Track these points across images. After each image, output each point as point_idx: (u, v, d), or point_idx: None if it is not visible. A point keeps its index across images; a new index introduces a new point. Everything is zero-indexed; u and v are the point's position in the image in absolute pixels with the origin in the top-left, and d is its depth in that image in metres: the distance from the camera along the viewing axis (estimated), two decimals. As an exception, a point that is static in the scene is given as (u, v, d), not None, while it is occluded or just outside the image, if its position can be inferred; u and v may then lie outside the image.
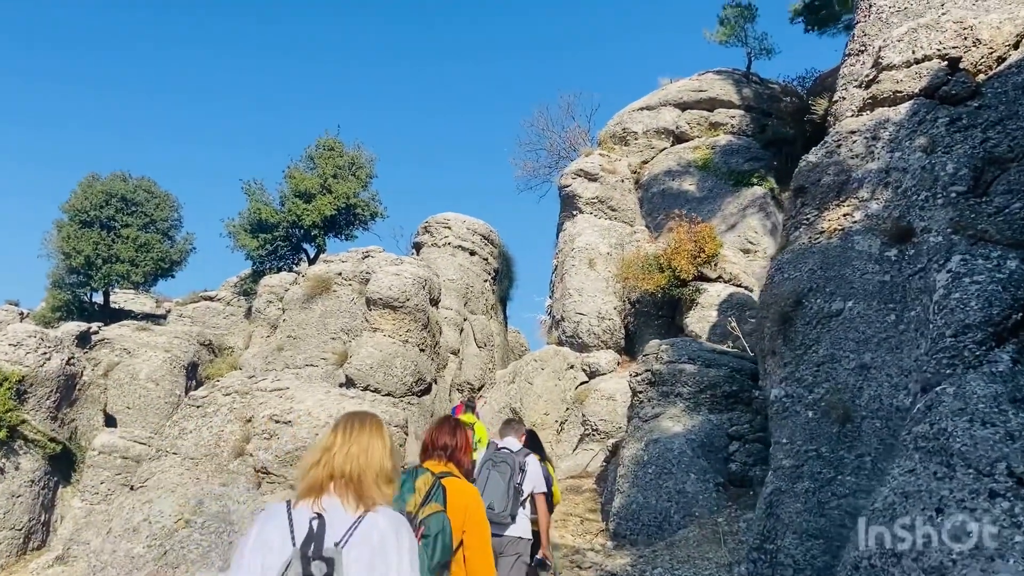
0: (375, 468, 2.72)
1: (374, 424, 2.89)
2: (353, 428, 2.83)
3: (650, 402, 10.89)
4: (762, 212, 22.14)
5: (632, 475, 10.25)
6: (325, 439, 2.83)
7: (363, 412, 3.03)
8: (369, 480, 2.68)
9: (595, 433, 14.26)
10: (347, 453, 2.72)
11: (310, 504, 2.64)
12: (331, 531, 2.57)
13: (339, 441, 2.78)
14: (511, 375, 17.22)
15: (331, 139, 26.91)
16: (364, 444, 2.77)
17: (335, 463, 2.70)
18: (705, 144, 23.86)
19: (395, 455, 2.88)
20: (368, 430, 2.84)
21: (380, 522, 2.63)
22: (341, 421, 2.90)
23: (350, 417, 2.92)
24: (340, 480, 2.67)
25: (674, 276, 16.93)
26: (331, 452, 2.74)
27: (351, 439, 2.78)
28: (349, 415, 2.95)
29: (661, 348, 11.33)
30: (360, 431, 2.82)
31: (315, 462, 2.73)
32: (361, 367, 17.18)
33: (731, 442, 10.18)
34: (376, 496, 2.67)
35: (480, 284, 24.90)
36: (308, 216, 24.93)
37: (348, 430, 2.82)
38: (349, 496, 2.65)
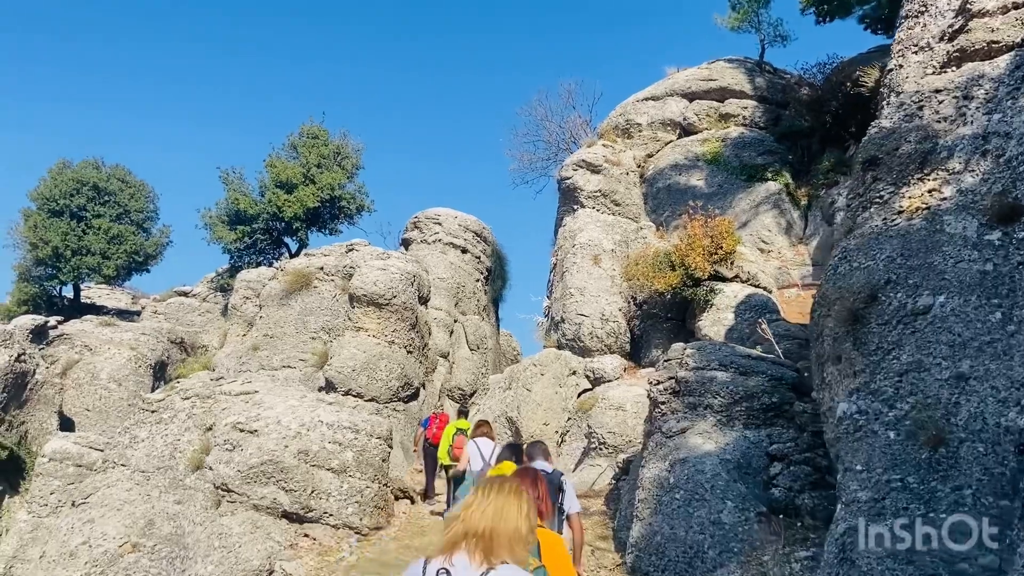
0: (509, 529, 2.79)
1: (513, 488, 2.96)
2: (492, 489, 2.92)
3: (674, 414, 9.39)
4: (776, 209, 20.74)
5: (655, 500, 8.75)
6: (465, 499, 2.96)
7: (503, 476, 3.30)
8: (501, 539, 2.77)
9: (602, 447, 12.76)
10: (483, 512, 2.83)
11: (442, 560, 2.79)
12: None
13: (477, 501, 2.89)
14: (507, 381, 15.69)
15: (315, 127, 25.37)
16: (500, 505, 2.85)
17: (471, 521, 2.81)
18: (715, 136, 22.45)
19: (531, 519, 2.93)
20: (506, 492, 2.91)
21: (506, 574, 2.71)
22: (482, 483, 3.02)
23: (491, 480, 3.05)
24: (472, 538, 2.78)
25: (687, 275, 15.46)
26: (469, 511, 2.85)
27: (489, 499, 2.87)
28: (490, 479, 3.10)
29: (687, 353, 9.84)
30: (498, 492, 2.90)
31: (455, 518, 2.88)
32: (343, 369, 15.65)
33: (772, 463, 8.69)
34: (505, 555, 2.75)
35: (472, 284, 23.40)
36: (289, 207, 23.34)
37: (487, 491, 2.92)
38: (477, 553, 2.75)
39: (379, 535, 9.90)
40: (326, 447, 9.99)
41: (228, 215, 24.33)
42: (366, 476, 10.12)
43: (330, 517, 9.77)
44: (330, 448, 10.01)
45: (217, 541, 9.05)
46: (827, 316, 7.26)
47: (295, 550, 9.14)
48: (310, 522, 9.71)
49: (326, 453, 9.97)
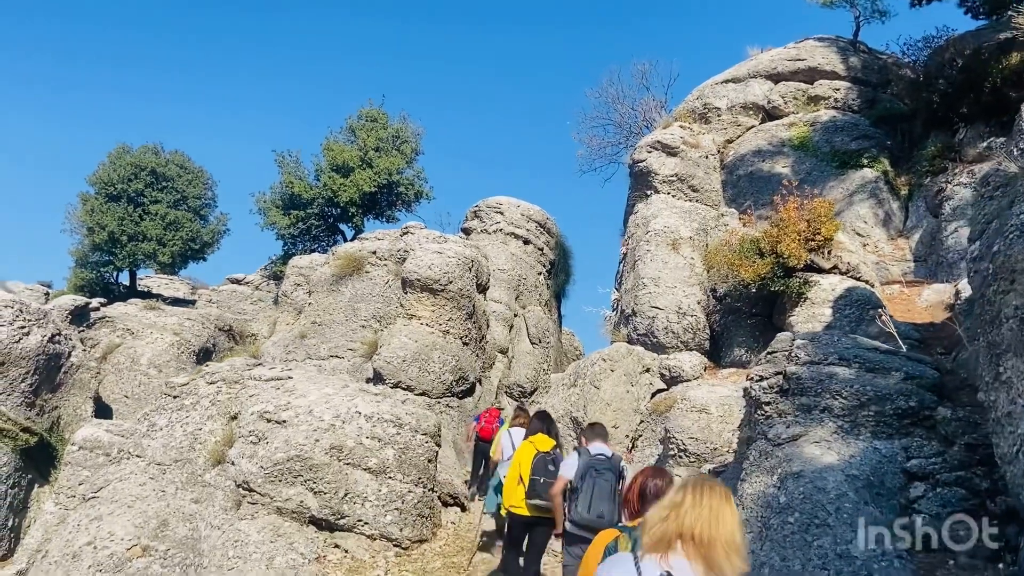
0: (726, 537, 2.57)
1: (724, 491, 2.71)
2: (703, 490, 2.67)
3: (782, 418, 7.69)
4: (873, 199, 18.66)
5: (760, 523, 7.07)
6: (673, 495, 2.72)
7: (710, 478, 2.90)
8: (719, 548, 2.55)
9: (683, 455, 11.07)
10: (697, 514, 2.60)
11: (657, 559, 2.60)
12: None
13: (688, 500, 2.64)
14: (572, 378, 14.11)
15: (375, 109, 24.26)
16: (716, 508, 2.61)
17: (684, 522, 2.60)
18: (803, 120, 20.47)
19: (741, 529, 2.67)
20: (719, 495, 2.67)
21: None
22: (690, 482, 2.76)
23: (699, 480, 2.77)
24: (689, 541, 2.58)
25: (778, 263, 13.63)
26: (681, 509, 2.63)
27: (702, 500, 2.63)
28: (698, 478, 2.80)
29: (797, 344, 8.13)
30: (711, 494, 2.65)
31: (663, 517, 2.65)
32: (392, 360, 14.32)
33: (911, 483, 6.92)
34: (725, 567, 2.54)
35: (534, 276, 21.95)
36: (345, 192, 22.24)
37: (698, 490, 2.67)
38: (698, 561, 2.55)
39: (422, 549, 8.45)
40: (363, 443, 8.60)
41: (282, 199, 23.43)
42: (409, 478, 8.69)
43: (365, 526, 8.36)
44: (368, 444, 8.62)
45: (232, 550, 7.76)
46: (1008, 291, 5.50)
47: (321, 564, 7.75)
48: (342, 531, 8.32)
49: (363, 450, 8.58)
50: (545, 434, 7.09)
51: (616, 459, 6.21)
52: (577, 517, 5.94)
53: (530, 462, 6.80)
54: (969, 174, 16.81)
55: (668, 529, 2.61)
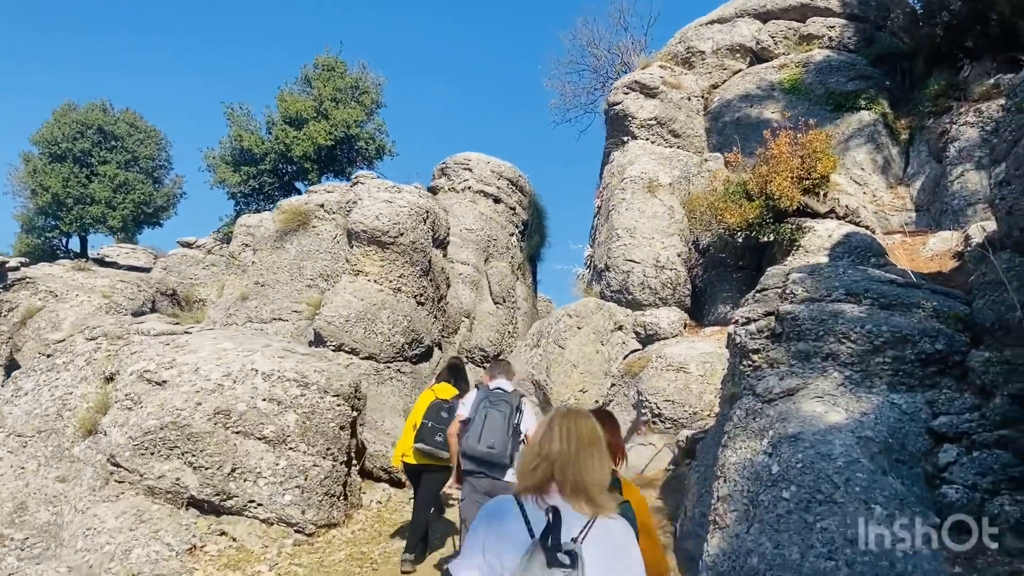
0: (598, 481, 2.61)
1: (591, 428, 2.68)
2: (570, 432, 2.64)
3: (774, 368, 6.16)
4: (871, 143, 17.07)
5: (747, 499, 5.57)
6: (540, 440, 2.68)
7: (577, 413, 2.77)
8: (595, 491, 2.59)
9: (657, 420, 9.57)
10: (566, 460, 2.60)
11: (536, 498, 2.58)
12: (566, 526, 2.50)
13: (556, 447, 2.62)
14: (535, 337, 12.55)
15: (331, 58, 22.35)
16: (583, 452, 2.62)
17: (555, 468, 2.60)
18: (795, 61, 18.81)
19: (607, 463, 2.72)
20: (586, 435, 2.65)
21: (614, 527, 2.59)
22: (555, 421, 2.70)
23: (564, 418, 2.70)
24: (564, 484, 2.58)
25: (768, 206, 12.09)
26: (549, 459, 2.61)
27: (570, 446, 2.61)
28: (563, 414, 2.73)
29: (792, 278, 6.60)
30: (578, 437, 2.63)
31: (533, 467, 2.63)
32: (334, 320, 12.72)
33: (939, 446, 5.42)
34: (604, 503, 2.59)
35: (505, 237, 20.35)
36: (298, 145, 20.44)
37: (564, 433, 2.64)
38: (579, 500, 2.57)
39: (329, 536, 6.91)
40: (258, 406, 7.03)
41: (232, 155, 21.61)
42: (315, 449, 7.12)
43: (258, 508, 6.81)
44: (264, 408, 7.05)
45: (81, 541, 6.19)
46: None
47: (193, 557, 6.20)
48: (230, 514, 6.75)
49: (257, 415, 7.00)
50: (450, 384, 6.91)
51: (515, 395, 6.06)
52: (467, 448, 5.75)
53: (424, 409, 6.57)
54: (976, 113, 15.24)
55: (539, 476, 2.60)
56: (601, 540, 2.51)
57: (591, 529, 2.52)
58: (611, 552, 2.52)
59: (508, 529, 2.53)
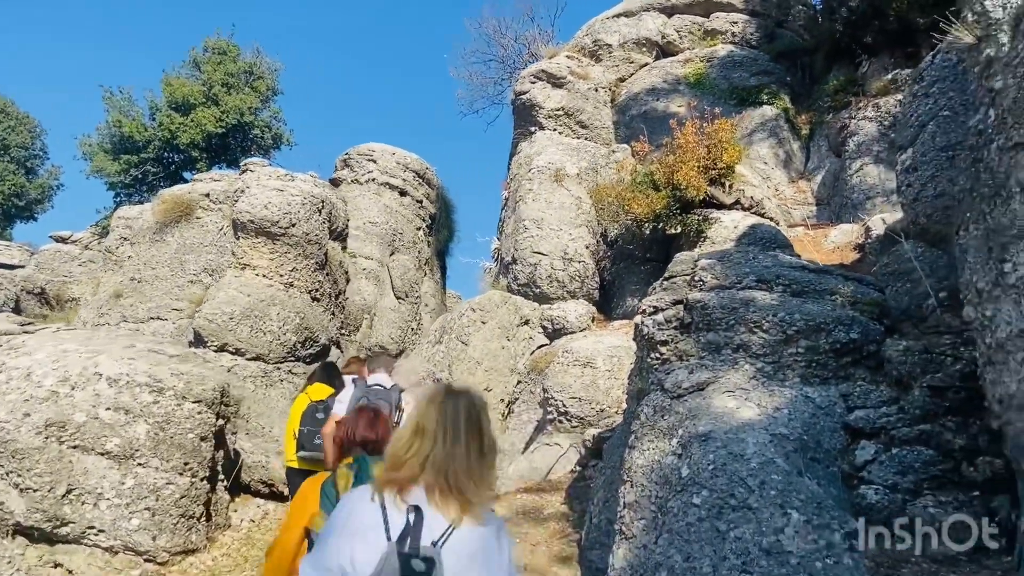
0: (476, 476, 2.33)
1: (479, 409, 2.43)
2: (451, 410, 2.37)
3: (683, 361, 5.69)
4: (774, 138, 17.21)
5: (655, 506, 5.06)
6: (418, 419, 2.38)
7: (465, 391, 2.49)
8: (469, 489, 2.30)
9: (563, 419, 9.07)
10: (444, 445, 2.32)
11: (398, 495, 2.29)
12: (428, 529, 2.25)
13: (434, 424, 2.34)
14: (437, 333, 11.87)
15: (223, 41, 20.98)
16: (463, 434, 2.34)
17: (428, 460, 2.31)
18: (699, 56, 18.80)
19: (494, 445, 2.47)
20: (471, 416, 2.39)
21: (482, 531, 2.32)
22: (438, 400, 2.41)
23: (449, 396, 2.42)
24: (436, 479, 2.29)
25: (675, 196, 11.81)
26: (426, 437, 2.33)
27: (448, 425, 2.34)
28: (448, 392, 2.44)
29: (702, 264, 6.17)
30: (459, 414, 2.37)
31: (405, 450, 2.33)
32: (216, 317, 11.68)
33: (856, 442, 5.06)
34: (473, 497, 2.31)
35: (411, 231, 19.54)
36: (185, 133, 19.02)
37: (445, 413, 2.37)
38: (448, 498, 2.28)
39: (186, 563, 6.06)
40: (100, 416, 6.09)
41: (111, 142, 19.94)
42: (169, 465, 6.23)
43: (100, 535, 5.88)
44: (107, 418, 6.12)
45: None
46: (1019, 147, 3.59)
47: (10, 599, 5.27)
48: (66, 543, 5.83)
49: (99, 426, 6.06)
50: (324, 383, 6.47)
51: (395, 390, 5.80)
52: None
53: (300, 414, 6.13)
54: (874, 108, 15.51)
55: (409, 469, 2.31)
56: (465, 545, 2.27)
57: (455, 532, 2.28)
58: (476, 559, 2.29)
59: (364, 529, 2.25)
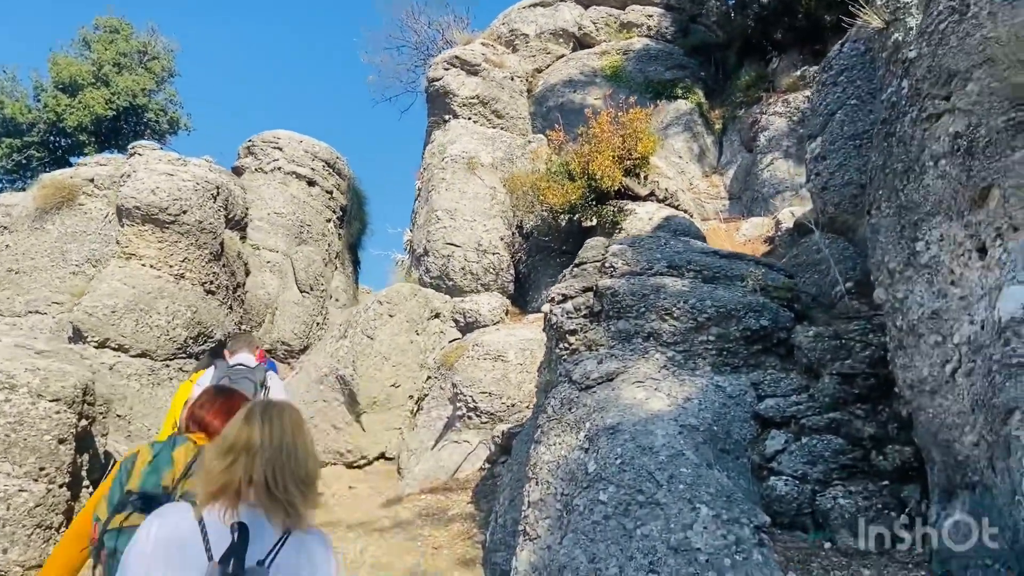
0: (300, 475, 2.19)
1: (296, 419, 2.30)
2: (273, 423, 2.23)
3: (593, 351, 5.39)
4: (688, 132, 17.29)
5: (560, 505, 4.75)
6: (237, 433, 2.21)
7: (281, 403, 2.39)
8: (296, 497, 2.16)
9: (473, 415, 8.69)
10: (268, 456, 2.15)
11: (222, 512, 2.13)
12: (254, 547, 2.11)
13: (257, 438, 2.18)
14: (342, 328, 11.29)
15: (115, 19, 19.66)
16: (289, 445, 2.20)
17: (255, 465, 2.14)
18: (616, 49, 18.76)
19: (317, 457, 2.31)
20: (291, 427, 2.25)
21: (309, 539, 2.23)
22: (257, 412, 2.27)
23: (263, 411, 2.28)
24: (261, 487, 2.14)
25: (590, 187, 11.60)
26: (250, 452, 2.16)
27: (271, 436, 2.19)
28: (262, 408, 2.31)
29: (612, 251, 5.89)
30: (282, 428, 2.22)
31: (228, 463, 2.15)
32: (96, 310, 10.80)
33: (766, 432, 4.86)
34: (302, 508, 2.18)
35: (320, 223, 18.81)
36: (72, 115, 17.73)
37: (267, 424, 2.22)
38: (276, 509, 2.14)
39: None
40: (-66, 418, 5.38)
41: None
42: (22, 471, 5.53)
43: (-68, 553, 5.21)
44: (-56, 420, 5.40)
45: None
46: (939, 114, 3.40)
47: None
48: None
49: (-68, 429, 5.34)
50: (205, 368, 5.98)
51: (260, 369, 5.48)
52: None
53: (182, 404, 5.46)
54: (784, 103, 15.76)
55: (234, 477, 2.12)
56: (294, 559, 2.16)
57: (283, 547, 2.16)
58: (305, 568, 2.19)
59: (182, 550, 2.08)
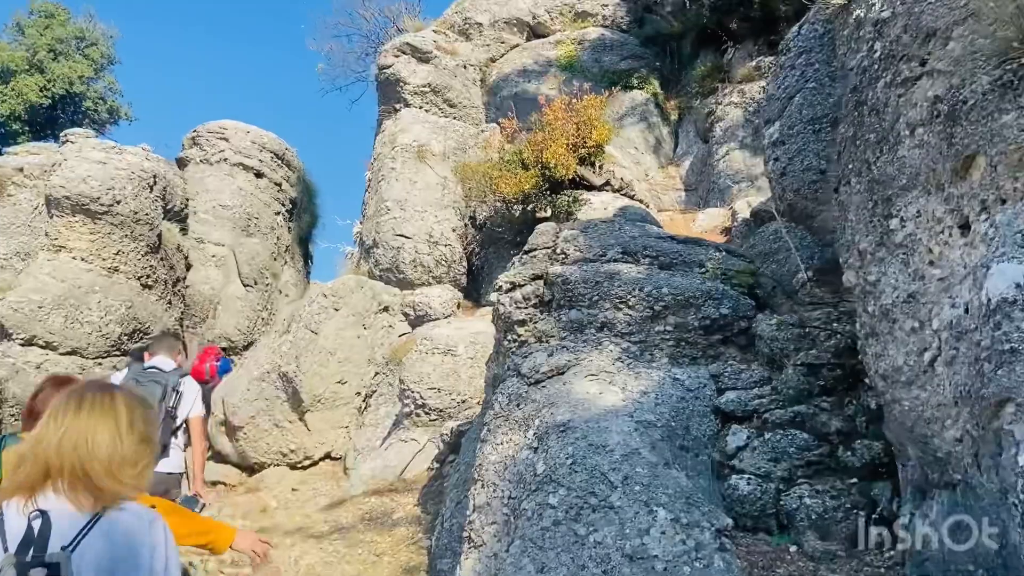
0: (104, 456, 1.99)
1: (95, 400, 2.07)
2: (67, 410, 2.04)
3: (543, 343, 5.05)
4: (644, 122, 17.07)
5: (508, 509, 4.42)
6: (49, 416, 2.07)
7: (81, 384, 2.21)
8: (99, 471, 1.98)
9: (421, 411, 8.30)
10: (59, 445, 1.99)
11: (23, 504, 1.95)
12: (57, 534, 1.92)
13: (51, 430, 2.02)
14: (286, 322, 10.78)
15: (50, 4, 18.71)
16: (82, 430, 2.00)
17: (49, 457, 1.98)
18: (570, 38, 18.43)
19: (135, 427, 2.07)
20: (87, 409, 2.04)
21: (124, 519, 2.02)
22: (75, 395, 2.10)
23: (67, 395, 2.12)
24: (59, 478, 1.97)
25: (544, 176, 11.27)
26: (42, 444, 2.01)
27: (63, 424, 2.02)
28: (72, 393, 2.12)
29: (564, 236, 5.56)
30: (76, 413, 2.03)
31: (24, 458, 2.02)
32: (22, 306, 10.16)
33: (727, 427, 4.57)
34: (113, 487, 1.99)
35: (269, 216, 18.17)
36: (3, 103, 16.81)
37: (60, 414, 2.05)
38: (79, 492, 1.97)
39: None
40: None
41: (-87, 111, 17.38)
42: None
43: None
44: None
45: None
46: (916, 77, 3.12)
47: None
48: None
49: None
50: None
51: (174, 373, 5.33)
52: None
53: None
54: (740, 94, 15.62)
55: (31, 472, 1.98)
56: (105, 540, 1.96)
57: (92, 529, 1.97)
58: (119, 550, 1.98)
59: None
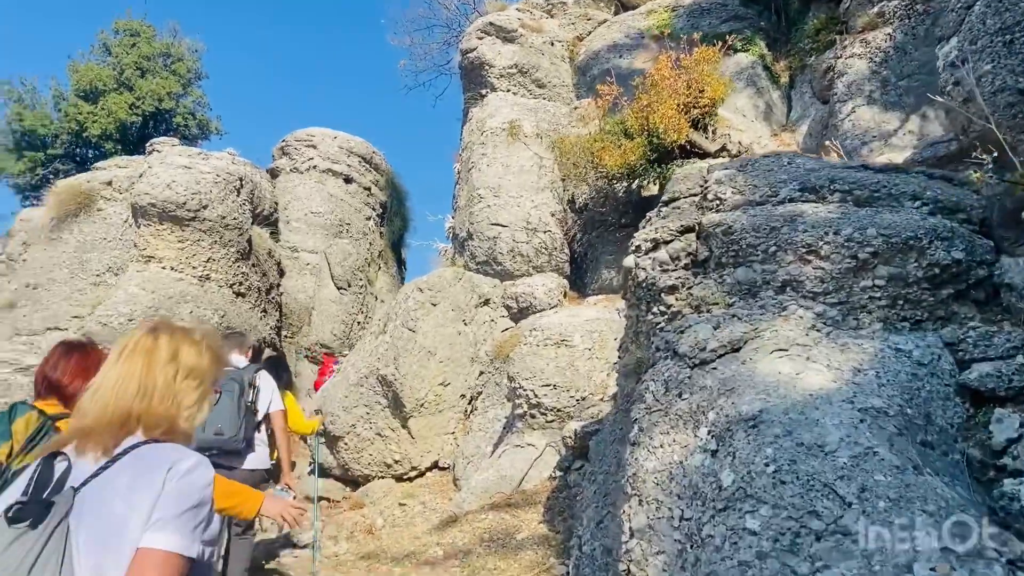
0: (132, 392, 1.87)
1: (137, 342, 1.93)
2: (112, 357, 1.94)
3: (702, 313, 3.89)
4: (752, 87, 15.51)
5: (681, 534, 3.26)
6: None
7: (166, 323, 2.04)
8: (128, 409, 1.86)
9: (536, 412, 7.25)
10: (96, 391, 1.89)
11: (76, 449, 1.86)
12: (77, 473, 1.78)
13: (96, 378, 1.93)
14: (381, 322, 9.96)
15: (135, 21, 18.82)
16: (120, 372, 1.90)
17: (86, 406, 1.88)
18: (663, 6, 17.13)
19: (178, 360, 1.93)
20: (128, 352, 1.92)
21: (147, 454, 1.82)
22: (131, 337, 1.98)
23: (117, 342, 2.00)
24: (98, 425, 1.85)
25: (651, 144, 10.06)
26: (88, 393, 1.91)
27: (104, 371, 1.92)
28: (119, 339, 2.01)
29: (716, 176, 4.41)
30: (117, 358, 1.92)
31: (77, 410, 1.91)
32: (111, 321, 9.75)
33: (983, 411, 3.28)
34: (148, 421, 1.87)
35: (360, 221, 17.75)
36: (95, 123, 16.88)
37: (108, 362, 1.95)
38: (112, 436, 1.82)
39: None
40: None
41: (13, 138, 17.72)
42: None
43: None
44: None
45: None
46: None
47: None
48: None
49: None
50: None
51: (249, 370, 5.51)
52: (198, 438, 4.56)
53: None
54: (863, 44, 13.84)
55: (75, 422, 1.90)
56: (116, 478, 1.73)
57: (110, 468, 1.76)
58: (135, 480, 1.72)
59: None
